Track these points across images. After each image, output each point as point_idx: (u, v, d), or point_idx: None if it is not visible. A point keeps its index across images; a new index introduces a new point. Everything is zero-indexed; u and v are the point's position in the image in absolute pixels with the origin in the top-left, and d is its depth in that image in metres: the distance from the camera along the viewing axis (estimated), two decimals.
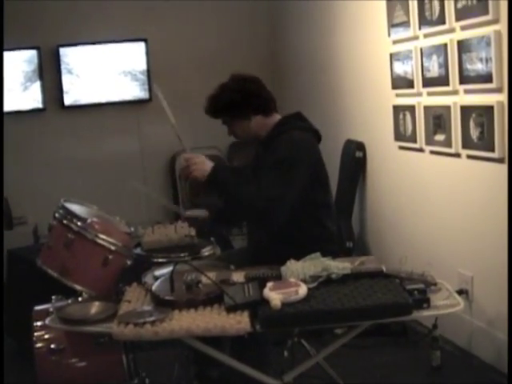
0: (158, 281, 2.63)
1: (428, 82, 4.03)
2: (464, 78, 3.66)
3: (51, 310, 2.86)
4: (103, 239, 2.87)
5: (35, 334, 2.87)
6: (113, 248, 2.87)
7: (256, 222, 3.12)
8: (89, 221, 2.89)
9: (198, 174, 3.04)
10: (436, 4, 3.80)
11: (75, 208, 3.02)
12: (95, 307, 2.56)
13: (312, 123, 3.27)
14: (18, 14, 5.94)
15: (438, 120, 3.97)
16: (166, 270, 2.70)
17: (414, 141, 4.26)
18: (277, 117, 3.22)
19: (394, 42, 4.37)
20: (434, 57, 3.90)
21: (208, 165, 3.06)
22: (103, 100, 6.35)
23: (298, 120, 3.23)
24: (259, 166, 3.19)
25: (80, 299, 2.83)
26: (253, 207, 2.93)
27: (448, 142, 3.88)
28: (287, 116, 3.24)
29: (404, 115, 4.35)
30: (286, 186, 2.92)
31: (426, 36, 3.99)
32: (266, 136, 3.17)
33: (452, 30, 3.72)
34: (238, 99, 3.12)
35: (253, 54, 6.58)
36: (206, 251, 3.27)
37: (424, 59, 4.02)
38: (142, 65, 6.37)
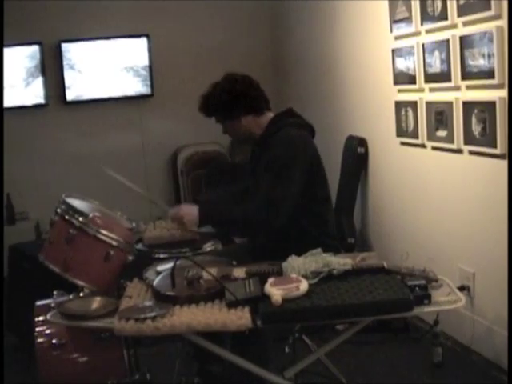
0: (159, 276, 2.63)
1: (430, 78, 4.02)
2: (466, 74, 3.65)
3: (52, 305, 2.86)
4: (105, 235, 2.86)
5: (36, 329, 2.87)
6: (114, 243, 2.87)
7: (264, 230, 3.10)
8: (90, 216, 2.89)
9: (189, 224, 3.08)
10: (438, 0, 3.79)
11: (77, 203, 3.02)
12: (96, 302, 2.56)
13: (305, 118, 3.26)
14: (21, 9, 5.94)
15: (439, 116, 3.96)
16: (169, 266, 2.70)
17: (416, 137, 4.25)
18: (269, 115, 3.22)
19: (396, 38, 4.36)
20: (436, 53, 3.89)
21: (193, 211, 3.08)
22: (105, 95, 6.35)
23: (290, 116, 3.22)
24: (256, 165, 3.19)
25: (81, 294, 2.84)
26: (256, 221, 2.95)
27: (450, 138, 3.88)
28: (279, 113, 3.24)
29: (406, 111, 4.35)
30: (285, 187, 2.92)
31: (428, 32, 3.98)
32: (260, 135, 3.18)
33: (454, 26, 3.71)
34: (226, 100, 3.12)
35: (255, 50, 6.58)
36: (207, 247, 3.27)
37: (426, 55, 4.01)
38: (144, 60, 6.37)
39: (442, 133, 3.97)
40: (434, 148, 4.12)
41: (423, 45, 4.03)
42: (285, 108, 3.28)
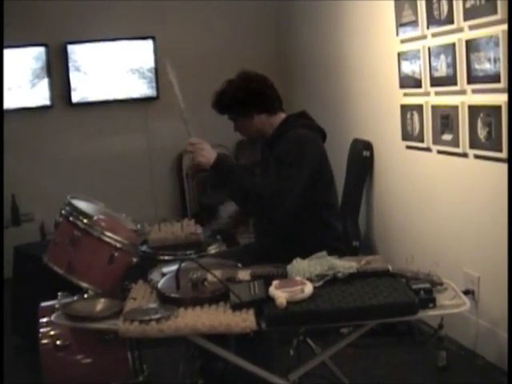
0: (164, 278, 2.64)
1: (436, 82, 4.02)
2: (472, 78, 3.65)
3: (57, 306, 2.86)
4: (109, 236, 2.86)
5: (41, 330, 2.87)
6: (119, 245, 2.87)
7: (259, 214, 3.10)
8: (95, 218, 2.88)
9: (204, 160, 3.03)
10: (444, 3, 3.79)
11: (82, 205, 3.02)
12: (101, 304, 2.57)
13: (317, 122, 3.27)
14: (27, 10, 5.96)
15: (445, 120, 3.96)
16: (173, 268, 2.70)
17: (422, 140, 4.25)
18: (282, 116, 3.23)
19: (402, 42, 4.36)
20: (442, 56, 3.89)
21: (213, 152, 3.05)
22: (111, 97, 6.36)
23: (303, 118, 3.24)
24: (265, 163, 3.20)
25: (86, 296, 2.84)
26: (258, 198, 2.91)
27: (455, 142, 3.87)
28: (292, 115, 3.25)
29: (411, 115, 4.34)
30: (290, 181, 2.92)
31: (434, 35, 3.98)
32: (271, 135, 3.18)
33: (460, 30, 3.71)
34: (241, 98, 3.13)
35: (260, 53, 6.58)
36: (212, 249, 3.27)
37: (432, 59, 4.01)
38: (149, 62, 6.38)
39: (447, 137, 3.96)
40: (439, 152, 4.11)
41: (429, 48, 4.02)
42: (296, 111, 3.29)
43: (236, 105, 3.16)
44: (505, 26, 3.33)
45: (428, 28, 4.00)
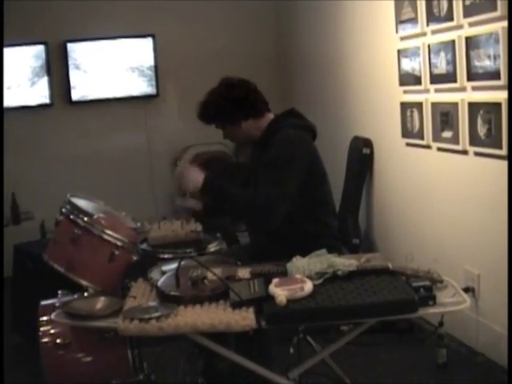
0: (164, 276, 2.64)
1: (436, 79, 4.02)
2: (472, 75, 3.64)
3: (57, 304, 2.86)
4: (109, 235, 2.86)
5: (41, 328, 2.87)
6: (119, 244, 2.87)
7: (255, 222, 3.10)
8: (95, 216, 2.89)
9: (192, 185, 3.06)
10: (444, 0, 3.79)
11: (82, 203, 3.02)
12: (101, 302, 2.57)
13: (307, 118, 3.25)
14: (26, 9, 5.95)
15: (445, 117, 3.96)
16: (173, 266, 2.70)
17: (422, 138, 4.25)
18: (269, 116, 3.21)
19: (402, 39, 4.36)
20: (442, 53, 3.89)
21: (199, 175, 3.07)
22: (110, 95, 6.35)
23: (291, 117, 3.21)
24: (256, 166, 3.19)
25: (86, 294, 2.84)
26: (251, 207, 2.93)
27: (455, 139, 3.87)
28: (279, 114, 3.23)
29: (411, 112, 4.34)
30: (282, 185, 2.91)
31: (433, 32, 3.98)
32: (260, 137, 3.17)
33: (460, 27, 3.71)
34: (225, 107, 3.11)
35: (260, 51, 6.58)
36: (212, 247, 3.27)
37: (432, 56, 4.00)
38: (149, 60, 6.37)
39: (447, 134, 3.96)
40: (439, 149, 4.11)
41: (429, 45, 4.02)
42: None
43: (221, 114, 3.14)
44: (505, 23, 3.33)
45: (428, 25, 4.00)
